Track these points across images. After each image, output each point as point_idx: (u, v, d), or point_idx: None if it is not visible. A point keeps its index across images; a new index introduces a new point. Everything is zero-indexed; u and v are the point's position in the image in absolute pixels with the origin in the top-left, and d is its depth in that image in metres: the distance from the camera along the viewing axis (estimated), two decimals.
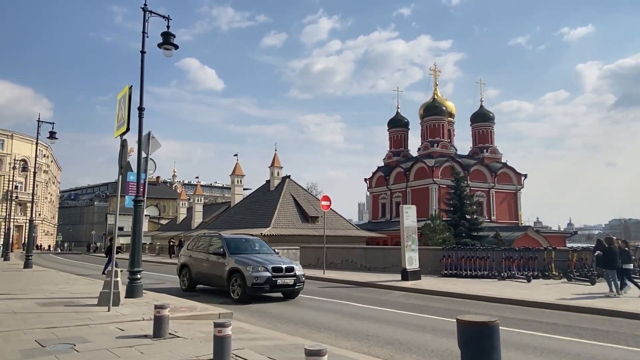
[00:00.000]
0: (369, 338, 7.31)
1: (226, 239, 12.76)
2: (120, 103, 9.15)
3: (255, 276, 10.75)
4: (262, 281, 10.76)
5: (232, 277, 11.25)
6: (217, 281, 12.13)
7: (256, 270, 10.87)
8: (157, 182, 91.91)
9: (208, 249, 12.78)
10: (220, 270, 11.76)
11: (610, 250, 12.51)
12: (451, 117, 61.06)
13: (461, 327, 3.83)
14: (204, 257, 12.78)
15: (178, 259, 15.01)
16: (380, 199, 60.23)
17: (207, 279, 12.73)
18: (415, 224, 17.18)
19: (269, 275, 10.87)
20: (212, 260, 12.34)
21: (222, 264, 11.80)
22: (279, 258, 12.40)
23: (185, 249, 14.35)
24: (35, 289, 12.21)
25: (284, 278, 11.15)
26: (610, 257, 12.41)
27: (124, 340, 6.12)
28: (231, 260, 11.53)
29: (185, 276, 13.52)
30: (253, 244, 13.19)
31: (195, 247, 13.81)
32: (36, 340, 5.98)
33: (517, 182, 56.22)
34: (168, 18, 11.14)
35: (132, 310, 8.45)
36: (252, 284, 10.73)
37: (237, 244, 12.69)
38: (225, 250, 11.97)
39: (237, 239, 13.55)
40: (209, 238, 13.48)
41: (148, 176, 11.16)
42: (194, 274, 13.17)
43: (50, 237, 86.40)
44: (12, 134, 67.53)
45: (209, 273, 12.45)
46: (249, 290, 10.76)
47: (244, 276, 10.81)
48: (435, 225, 39.10)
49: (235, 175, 49.65)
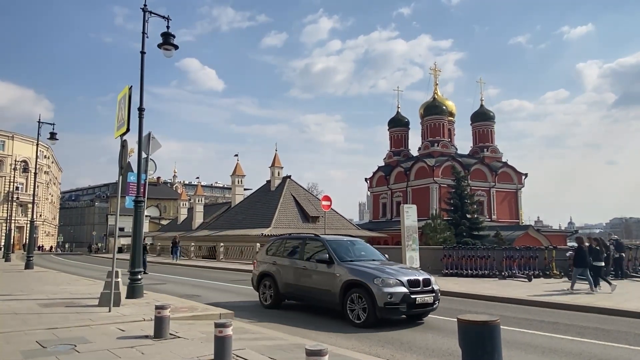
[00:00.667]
0: (369, 338, 7.31)
1: (329, 241, 9.91)
2: (120, 104, 9.15)
3: (388, 293, 8.05)
4: (397, 299, 8.07)
5: (349, 293, 8.49)
6: (321, 297, 9.26)
7: (387, 284, 8.17)
8: (157, 182, 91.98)
9: (302, 254, 10.06)
10: (328, 283, 8.99)
11: (580, 249, 13.00)
12: (451, 116, 61.07)
13: (462, 326, 3.83)
14: (299, 265, 9.95)
15: (255, 266, 11.58)
16: (380, 199, 60.24)
17: (305, 294, 9.77)
18: (416, 224, 17.18)
19: (406, 291, 8.18)
20: (311, 270, 9.54)
21: (329, 275, 9.02)
22: (404, 267, 10.02)
23: (265, 254, 11.31)
24: (36, 290, 12.22)
25: (423, 295, 8.42)
26: (579, 255, 12.90)
27: (125, 341, 6.12)
28: (343, 269, 8.85)
29: (268, 289, 10.57)
30: (359, 246, 10.45)
31: (280, 251, 10.91)
32: (37, 341, 5.98)
33: (517, 181, 56.22)
34: (168, 18, 11.15)
35: (133, 311, 8.45)
36: (384, 303, 8.00)
37: (342, 247, 9.86)
38: (332, 256, 9.18)
39: (341, 240, 10.55)
40: (302, 240, 10.62)
41: (148, 177, 11.16)
42: (281, 286, 10.19)
43: (51, 238, 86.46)
44: (12, 135, 67.59)
45: (308, 286, 9.59)
46: (380, 312, 8.01)
47: (370, 292, 8.08)
48: (436, 225, 39.12)
49: (235, 176, 49.64)
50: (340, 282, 8.69)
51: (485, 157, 55.95)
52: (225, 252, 32.63)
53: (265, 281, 10.74)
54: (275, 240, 11.69)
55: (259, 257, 11.70)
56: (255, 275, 11.24)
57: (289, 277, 10.08)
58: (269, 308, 10.32)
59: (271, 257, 10.89)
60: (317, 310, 9.72)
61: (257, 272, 11.22)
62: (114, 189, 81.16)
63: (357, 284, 8.45)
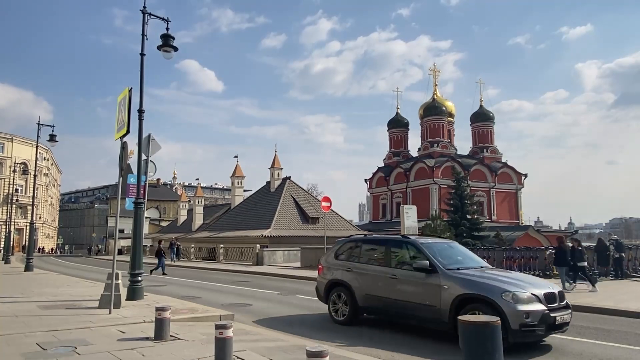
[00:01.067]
0: (369, 338, 7.31)
1: (424, 244, 8.09)
2: (120, 105, 9.16)
3: (524, 312, 6.35)
4: (535, 319, 6.37)
5: (463, 311, 6.63)
6: (420, 313, 7.38)
7: (520, 300, 6.46)
8: (157, 184, 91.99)
9: (389, 260, 8.30)
10: (430, 297, 7.21)
11: (560, 249, 13.63)
12: (451, 117, 61.16)
13: (463, 327, 3.82)
14: (385, 274, 8.08)
15: (320, 273, 9.55)
16: (380, 200, 60.28)
17: (394, 309, 7.87)
18: (416, 224, 17.22)
19: (544, 309, 6.50)
20: (404, 279, 7.74)
21: (431, 287, 7.24)
22: (523, 275, 8.18)
23: (333, 258, 9.34)
24: (36, 292, 12.21)
25: (562, 313, 6.76)
26: (560, 255, 13.55)
27: (125, 343, 6.12)
28: (451, 280, 7.04)
29: (342, 301, 8.65)
30: (456, 250, 8.69)
31: (356, 255, 9.00)
32: (37, 344, 5.97)
33: (517, 182, 56.28)
34: (167, 20, 11.16)
35: (133, 313, 8.44)
36: (520, 325, 6.30)
37: (443, 251, 8.08)
38: (434, 263, 7.37)
39: (438, 243, 8.65)
40: (385, 243, 8.84)
41: (148, 178, 11.15)
42: (360, 298, 8.37)
43: (51, 240, 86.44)
44: (12, 137, 67.61)
45: (399, 300, 7.70)
46: (514, 336, 6.30)
47: (500, 311, 6.27)
48: (436, 226, 39.05)
49: (235, 177, 49.66)
50: (450, 297, 6.89)
51: (485, 157, 56.00)
52: (225, 253, 32.62)
53: (336, 291, 8.82)
54: (346, 241, 9.63)
55: (325, 261, 9.63)
56: (323, 284, 9.21)
57: (372, 287, 8.24)
58: (343, 324, 8.42)
59: (344, 263, 8.98)
60: (408, 328, 7.94)
61: (324, 279, 9.24)
62: (113, 191, 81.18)
63: (476, 299, 6.69)
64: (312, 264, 23.28)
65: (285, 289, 14.79)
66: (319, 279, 9.52)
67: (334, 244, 9.96)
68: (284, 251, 29.50)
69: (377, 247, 8.99)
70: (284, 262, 28.30)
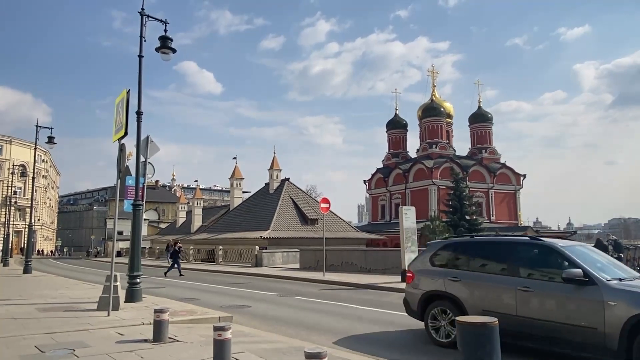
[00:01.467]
0: (369, 340, 7.31)
1: (566, 247, 6.47)
2: (118, 107, 9.16)
3: None
4: None
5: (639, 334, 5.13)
6: (572, 337, 5.71)
7: None
8: (156, 185, 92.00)
9: (514, 268, 6.57)
10: (587, 316, 5.63)
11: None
12: (449, 118, 61.26)
13: (461, 327, 3.83)
14: (514, 284, 6.34)
15: (410, 282, 7.77)
16: (379, 201, 60.32)
17: (532, 331, 6.09)
18: (415, 225, 17.19)
19: None
20: (543, 293, 6.14)
21: (588, 303, 5.67)
22: None
23: (428, 263, 7.63)
24: (34, 294, 12.19)
25: None
26: None
27: (124, 345, 6.11)
28: (619, 296, 5.47)
29: (447, 318, 6.86)
30: (597, 255, 6.91)
31: (463, 261, 7.28)
32: (36, 346, 5.96)
33: (516, 182, 56.37)
34: (165, 22, 11.17)
35: (132, 315, 8.43)
36: None
37: (588, 257, 6.42)
38: (588, 272, 5.79)
39: (576, 247, 6.80)
40: (506, 246, 7.08)
41: (147, 180, 11.14)
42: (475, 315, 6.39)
43: (50, 242, 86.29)
44: (10, 139, 67.52)
45: (538, 320, 6.03)
46: None
47: None
48: (435, 226, 39.17)
49: (234, 179, 49.68)
50: (621, 318, 5.28)
51: (483, 158, 56.08)
52: (224, 255, 32.61)
53: (438, 306, 7.06)
54: (446, 244, 7.92)
55: (416, 267, 7.91)
56: (416, 296, 7.47)
57: (492, 302, 6.54)
58: (447, 347, 6.65)
59: (446, 270, 7.26)
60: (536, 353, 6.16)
61: (417, 290, 7.50)
62: (112, 193, 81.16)
63: None
64: (311, 265, 23.30)
65: (284, 291, 14.79)
66: (410, 289, 7.75)
67: (427, 246, 8.26)
68: (283, 252, 29.50)
69: (494, 252, 7.15)
70: (283, 263, 28.29)
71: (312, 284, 16.91)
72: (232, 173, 49.82)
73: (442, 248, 7.78)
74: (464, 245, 7.69)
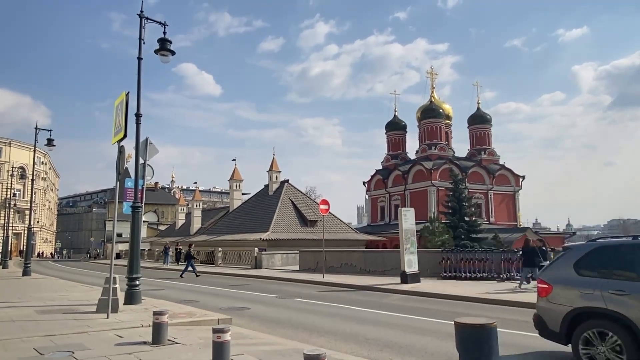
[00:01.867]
0: (368, 341, 7.31)
1: None
2: (117, 110, 9.17)
3: None
4: None
5: None
6: None
7: None
8: (155, 187, 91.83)
9: None
10: None
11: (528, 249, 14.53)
12: (448, 119, 61.29)
13: (459, 329, 3.84)
14: None
15: (544, 295, 6.16)
16: (379, 202, 60.30)
17: None
18: (414, 227, 17.21)
19: None
20: None
21: None
22: None
23: (574, 272, 5.96)
24: (33, 297, 12.18)
25: None
26: (526, 255, 14.41)
27: (123, 347, 6.11)
28: None
29: (610, 344, 5.31)
30: None
31: (630, 269, 5.60)
32: (34, 348, 5.96)
33: (515, 184, 56.38)
34: (164, 24, 11.19)
35: (131, 317, 8.43)
36: None
37: None
38: None
39: None
40: None
41: (146, 182, 11.15)
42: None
43: (49, 244, 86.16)
44: (9, 142, 67.48)
45: None
46: None
47: None
48: (434, 228, 39.14)
49: (233, 180, 49.64)
50: None
51: (482, 159, 56.10)
52: (224, 257, 32.59)
53: (593, 327, 5.54)
54: (598, 247, 6.12)
55: (551, 275, 6.30)
56: (559, 314, 5.88)
57: None
58: None
59: (602, 280, 5.64)
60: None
61: (560, 306, 5.92)
62: (111, 195, 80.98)
63: None
64: (311, 266, 23.30)
65: (284, 292, 14.79)
66: (545, 304, 6.13)
67: (569, 250, 6.48)
68: (283, 254, 29.48)
69: None
70: (283, 265, 28.28)
71: (312, 286, 16.91)
72: (231, 175, 49.79)
73: (592, 252, 6.09)
74: (627, 248, 5.95)
